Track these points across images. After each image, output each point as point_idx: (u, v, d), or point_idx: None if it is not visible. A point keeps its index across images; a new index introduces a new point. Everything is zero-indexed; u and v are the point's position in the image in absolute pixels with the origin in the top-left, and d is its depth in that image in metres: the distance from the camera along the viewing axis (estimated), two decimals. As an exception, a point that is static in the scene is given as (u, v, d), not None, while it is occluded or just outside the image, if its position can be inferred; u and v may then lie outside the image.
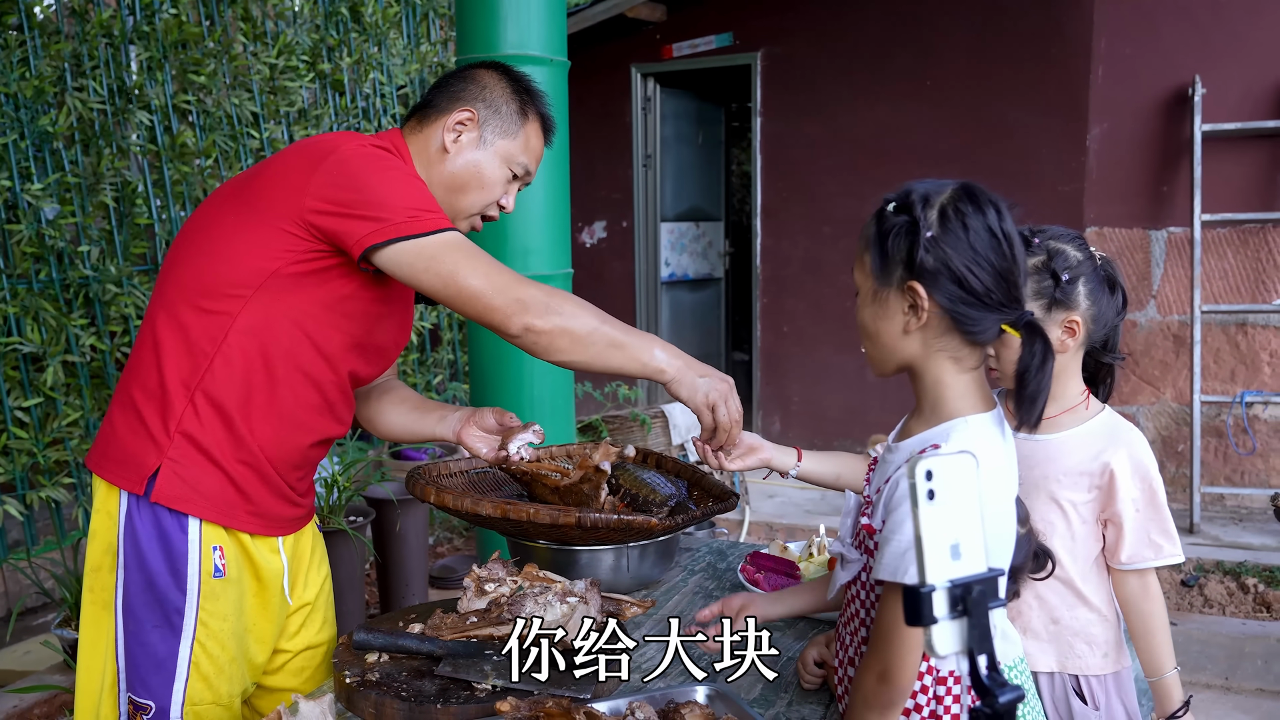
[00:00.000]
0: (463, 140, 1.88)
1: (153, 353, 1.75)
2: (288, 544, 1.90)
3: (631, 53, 6.93)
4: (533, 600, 1.69)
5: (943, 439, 1.34)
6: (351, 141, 1.74)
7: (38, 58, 3.76)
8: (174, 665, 1.73)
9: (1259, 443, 5.33)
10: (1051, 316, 1.78)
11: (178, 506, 1.71)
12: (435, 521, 5.12)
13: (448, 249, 1.67)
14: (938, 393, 1.38)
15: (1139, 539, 1.80)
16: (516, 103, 1.91)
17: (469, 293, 1.66)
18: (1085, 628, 1.84)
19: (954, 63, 5.85)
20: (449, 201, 1.88)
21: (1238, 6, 5.18)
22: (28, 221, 3.68)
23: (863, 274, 1.40)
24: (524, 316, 1.65)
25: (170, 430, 1.72)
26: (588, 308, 1.71)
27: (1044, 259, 1.78)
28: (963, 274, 1.30)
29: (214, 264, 1.73)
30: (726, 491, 2.13)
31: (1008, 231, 1.32)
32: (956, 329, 1.34)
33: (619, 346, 1.70)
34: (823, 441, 6.47)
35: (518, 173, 1.93)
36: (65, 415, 3.72)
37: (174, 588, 1.72)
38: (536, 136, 1.95)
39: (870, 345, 1.42)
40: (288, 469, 1.83)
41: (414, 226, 1.65)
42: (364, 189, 1.66)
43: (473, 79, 1.92)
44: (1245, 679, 3.86)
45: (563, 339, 1.67)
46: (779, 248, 6.56)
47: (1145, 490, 1.81)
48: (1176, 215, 5.35)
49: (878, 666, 1.33)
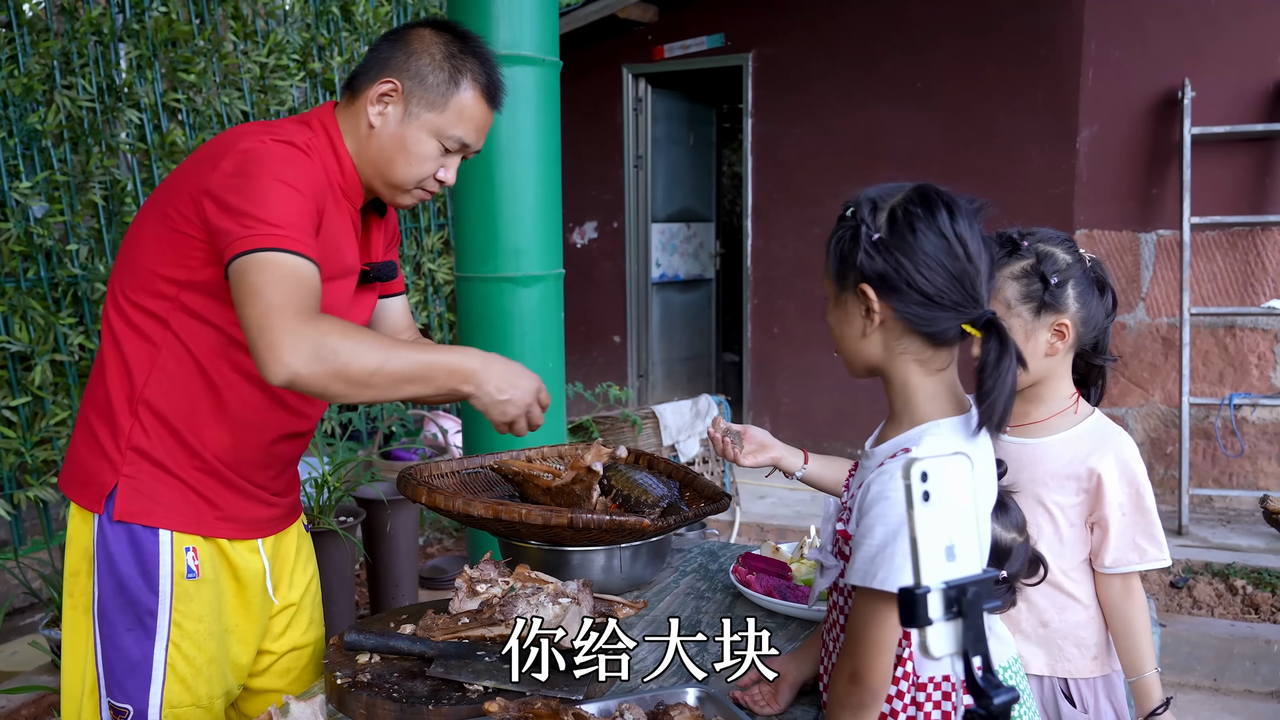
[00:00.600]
0: (388, 114, 1.76)
1: (100, 369, 1.76)
2: (268, 544, 1.88)
3: (623, 53, 6.92)
4: (525, 601, 1.68)
5: (913, 444, 1.35)
6: (250, 138, 1.65)
7: (27, 55, 3.74)
8: (149, 668, 1.72)
9: (1247, 445, 5.35)
10: (1041, 320, 1.77)
11: (141, 521, 1.70)
12: (425, 522, 5.10)
13: (257, 268, 1.53)
14: (906, 395, 1.39)
15: (1123, 542, 1.80)
16: (446, 70, 1.76)
17: (245, 320, 1.53)
18: (1074, 630, 1.84)
19: (944, 65, 5.86)
20: (380, 176, 1.79)
21: (1227, 10, 5.20)
22: (16, 220, 3.66)
23: (827, 279, 1.42)
24: (286, 359, 1.49)
25: (121, 447, 1.71)
26: (374, 346, 1.56)
27: (1033, 262, 1.77)
28: (911, 276, 1.31)
29: (138, 276, 1.71)
30: (718, 493, 2.12)
31: (960, 233, 1.33)
32: (914, 331, 1.35)
33: (410, 380, 1.60)
34: (813, 443, 6.46)
35: (450, 146, 1.79)
36: (53, 414, 3.70)
37: (146, 590, 1.71)
38: (475, 104, 1.79)
39: (838, 348, 1.44)
40: (253, 470, 1.80)
41: (251, 242, 1.54)
42: (248, 196, 1.57)
43: (402, 44, 1.78)
44: (1234, 680, 3.87)
45: (336, 384, 1.53)
46: (769, 249, 6.57)
47: (1132, 495, 1.80)
48: (1166, 218, 5.37)
49: (849, 668, 1.34)
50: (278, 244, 1.54)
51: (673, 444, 5.01)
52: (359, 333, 1.57)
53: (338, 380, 1.53)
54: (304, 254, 1.56)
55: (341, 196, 1.78)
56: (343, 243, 1.78)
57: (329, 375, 1.52)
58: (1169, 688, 3.76)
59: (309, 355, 1.50)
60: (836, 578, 1.46)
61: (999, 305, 1.77)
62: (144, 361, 1.71)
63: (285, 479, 1.91)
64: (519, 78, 3.02)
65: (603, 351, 7.36)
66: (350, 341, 1.53)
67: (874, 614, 1.31)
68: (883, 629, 1.31)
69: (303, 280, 1.55)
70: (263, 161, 1.61)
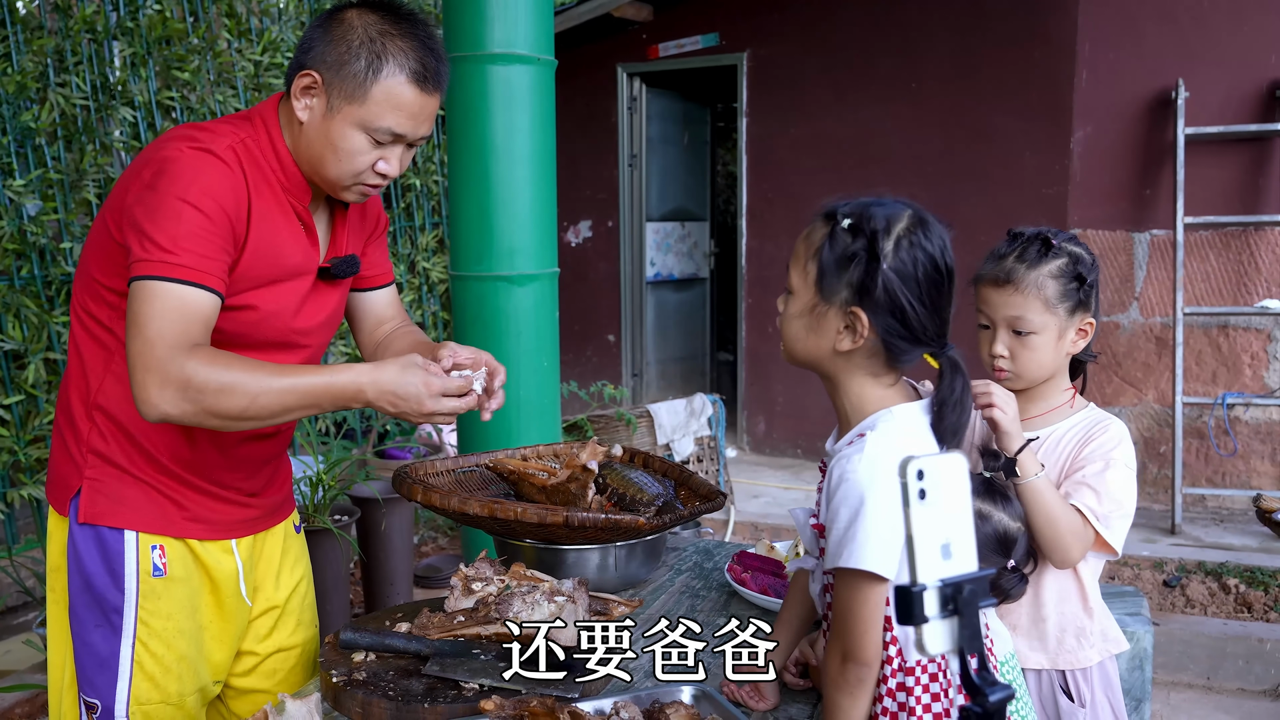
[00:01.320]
0: (313, 107, 1.66)
1: (66, 374, 1.77)
2: (244, 545, 1.86)
3: (617, 52, 6.92)
4: (520, 599, 1.69)
5: (869, 428, 1.37)
6: (171, 145, 1.60)
7: (20, 53, 3.73)
8: (116, 664, 1.72)
9: (1240, 444, 5.36)
10: (1073, 319, 1.78)
11: (105, 522, 1.70)
12: (420, 521, 5.10)
13: (143, 296, 1.51)
14: (860, 404, 1.42)
15: (1073, 481, 1.78)
16: (365, 56, 1.62)
17: (127, 354, 1.52)
18: (1074, 621, 1.85)
19: (938, 65, 5.87)
20: (315, 173, 1.71)
21: (1220, 11, 5.21)
22: (9, 218, 3.65)
23: (802, 281, 1.41)
24: (154, 399, 1.49)
25: (83, 450, 1.72)
26: (246, 383, 1.52)
27: (1067, 261, 1.77)
28: (904, 307, 1.33)
29: (88, 284, 1.71)
30: (713, 491, 2.13)
31: (949, 266, 1.36)
32: (883, 353, 1.37)
33: (293, 409, 1.57)
34: (806, 441, 6.49)
35: (381, 139, 1.66)
36: (47, 413, 3.69)
37: (112, 587, 1.71)
38: (405, 90, 1.64)
39: (790, 345, 1.45)
40: (219, 473, 1.78)
41: (142, 267, 1.52)
42: (151, 215, 1.54)
43: (324, 30, 1.66)
44: (1227, 679, 3.88)
45: (211, 419, 1.52)
46: (764, 248, 6.58)
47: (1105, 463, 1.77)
48: (1159, 218, 5.38)
49: (839, 649, 1.36)
50: (168, 273, 1.51)
51: (667, 443, 5.01)
52: (233, 367, 1.52)
53: (211, 416, 1.52)
54: (196, 282, 1.53)
55: (283, 195, 1.71)
56: (285, 245, 1.72)
57: (200, 413, 1.51)
58: (1162, 686, 3.78)
59: (176, 395, 1.49)
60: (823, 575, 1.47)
61: (1037, 302, 1.75)
62: (98, 366, 1.70)
63: (260, 479, 1.88)
64: (513, 77, 3.02)
65: (597, 350, 7.36)
66: (219, 378, 1.50)
67: (853, 591, 1.34)
68: (864, 605, 1.33)
69: (188, 312, 1.52)
70: (172, 176, 1.56)
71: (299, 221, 1.75)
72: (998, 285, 1.78)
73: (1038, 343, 1.78)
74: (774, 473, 6.25)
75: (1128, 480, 1.78)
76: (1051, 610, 1.84)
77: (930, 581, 0.90)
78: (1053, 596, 1.84)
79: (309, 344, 1.84)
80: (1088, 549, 1.75)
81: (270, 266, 1.69)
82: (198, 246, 1.54)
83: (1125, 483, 1.77)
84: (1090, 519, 1.73)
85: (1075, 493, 1.75)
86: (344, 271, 1.84)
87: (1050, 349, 1.78)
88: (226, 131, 1.66)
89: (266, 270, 1.69)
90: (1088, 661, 1.84)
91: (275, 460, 1.92)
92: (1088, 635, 1.85)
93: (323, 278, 1.82)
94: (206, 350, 1.54)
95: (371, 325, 2.03)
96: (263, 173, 1.68)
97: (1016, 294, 1.76)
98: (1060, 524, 1.70)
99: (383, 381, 1.59)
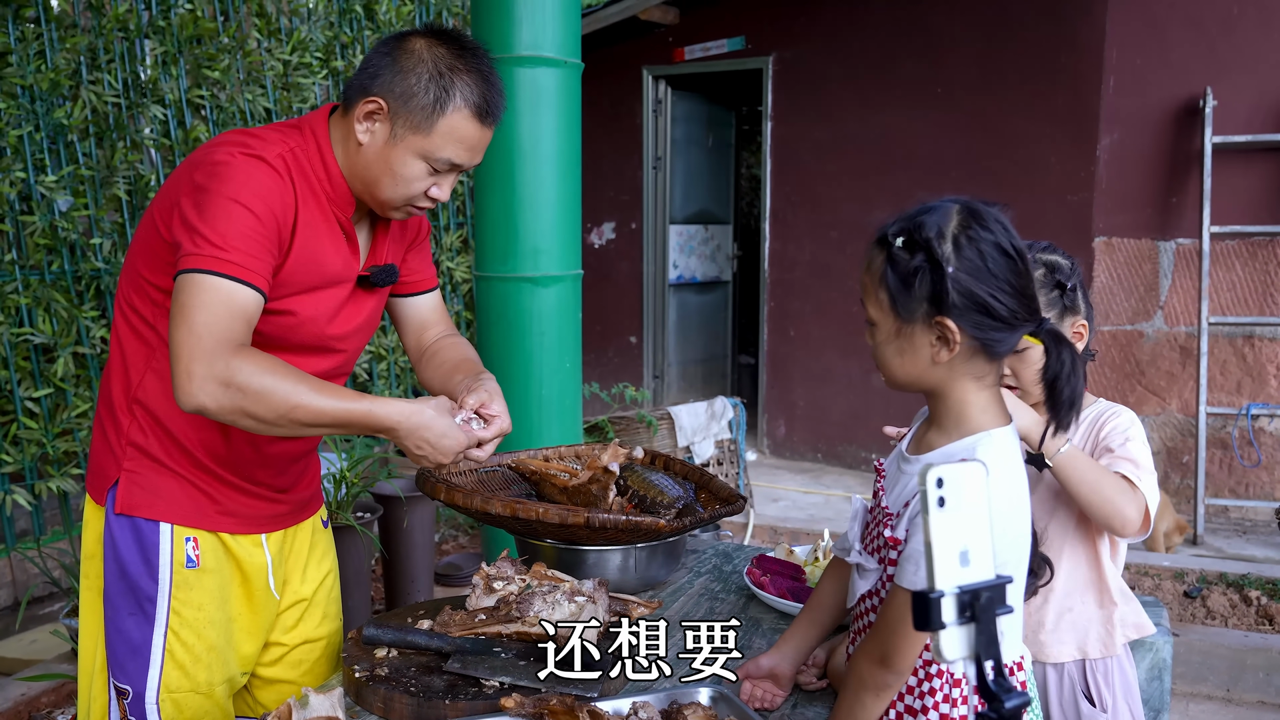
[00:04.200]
0: (375, 132, 1.71)
1: (109, 365, 1.80)
2: (274, 539, 1.90)
3: (643, 55, 6.94)
4: (541, 599, 1.70)
5: (969, 453, 1.36)
6: (222, 149, 1.64)
7: (54, 51, 3.78)
8: (148, 652, 1.76)
9: (1264, 455, 5.32)
10: (1064, 324, 1.85)
11: (141, 514, 1.74)
12: (441, 519, 5.13)
13: (192, 288, 1.54)
14: (961, 410, 1.40)
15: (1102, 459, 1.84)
16: (434, 90, 1.68)
17: (170, 340, 1.55)
18: (1097, 610, 1.88)
19: (963, 71, 5.85)
20: (368, 193, 1.76)
21: (1249, 19, 5.18)
22: (41, 213, 3.70)
23: (879, 311, 1.39)
24: (194, 391, 1.51)
25: (122, 442, 1.76)
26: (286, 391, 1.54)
27: (1044, 272, 1.86)
28: (987, 301, 1.31)
29: (134, 280, 1.74)
30: (733, 495, 2.14)
31: (1018, 247, 1.34)
32: (982, 351, 1.36)
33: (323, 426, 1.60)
34: (826, 445, 6.49)
35: (439, 168, 1.73)
36: (75, 406, 3.74)
37: (146, 576, 1.74)
38: (465, 125, 1.71)
39: (889, 373, 1.42)
40: (250, 469, 1.82)
41: (193, 261, 1.55)
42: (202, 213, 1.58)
43: (392, 58, 1.70)
44: (1246, 691, 3.86)
45: (244, 419, 1.55)
46: (786, 252, 6.57)
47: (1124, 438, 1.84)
48: (1185, 226, 5.35)
49: (878, 651, 1.36)
50: (217, 267, 1.55)
51: (688, 445, 5.03)
52: (277, 373, 1.55)
53: (245, 417, 1.55)
54: (244, 279, 1.57)
55: (327, 204, 1.75)
56: (327, 254, 1.76)
57: (236, 411, 1.54)
58: (1181, 697, 3.76)
59: (216, 390, 1.52)
60: (876, 582, 1.46)
61: None
62: (139, 362, 1.74)
63: (290, 476, 1.92)
64: (540, 79, 3.04)
65: (619, 352, 7.38)
66: (262, 381, 1.53)
67: None
68: None
69: (234, 307, 1.56)
70: (224, 178, 1.60)
71: (341, 231, 1.79)
72: None
73: (1033, 357, 1.77)
74: (794, 476, 6.25)
75: (1148, 454, 1.84)
76: (1075, 602, 1.88)
77: (948, 588, 0.91)
78: (1077, 586, 1.88)
79: (344, 349, 1.87)
80: (1143, 509, 1.77)
81: (311, 274, 1.73)
82: (247, 245, 1.58)
83: (1147, 455, 1.83)
84: (1133, 479, 1.77)
85: (1114, 465, 1.80)
86: (382, 280, 1.88)
87: None
88: (276, 140, 1.70)
89: (307, 277, 1.72)
90: (1110, 650, 1.88)
91: (305, 458, 1.96)
92: (1113, 625, 1.89)
93: (361, 286, 1.86)
94: (253, 351, 1.57)
95: (416, 330, 2.06)
96: (309, 183, 1.72)
97: None
98: (1105, 486, 1.75)
99: (420, 428, 1.66)
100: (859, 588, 1.51)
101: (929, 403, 1.44)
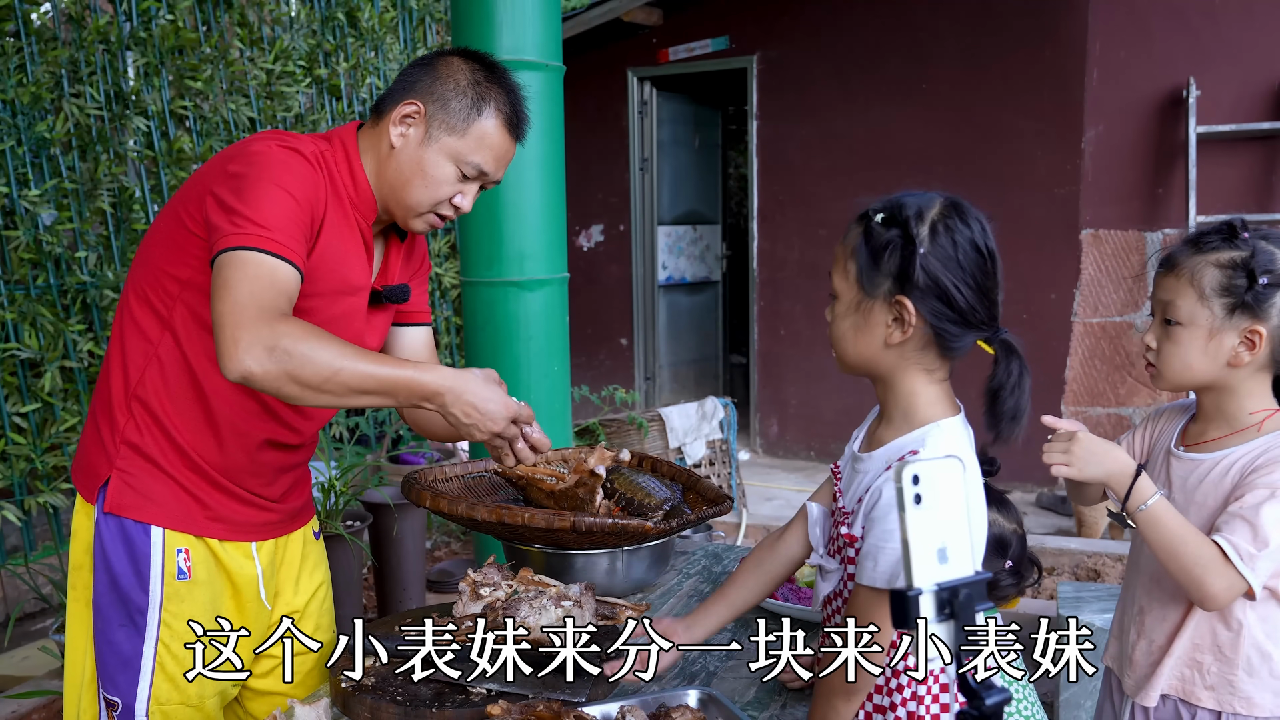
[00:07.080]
0: (409, 135, 1.77)
1: (107, 363, 1.80)
2: (264, 549, 1.89)
3: (628, 56, 6.94)
4: (528, 604, 1.70)
5: (919, 444, 1.36)
6: (259, 143, 1.68)
7: (35, 64, 3.76)
8: (139, 664, 1.75)
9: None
10: (1233, 321, 1.57)
11: (131, 515, 1.73)
12: (432, 526, 5.12)
13: (234, 264, 1.54)
14: (910, 402, 1.40)
15: (1229, 512, 1.55)
16: (470, 96, 1.76)
17: (213, 314, 1.54)
18: (1231, 658, 1.64)
19: (948, 66, 5.86)
20: (395, 197, 1.79)
21: (1231, 8, 5.20)
22: (25, 227, 3.68)
23: (845, 282, 1.40)
24: (241, 356, 1.49)
25: (116, 440, 1.75)
26: (333, 354, 1.52)
27: (1246, 255, 1.55)
28: (949, 291, 1.32)
29: (150, 272, 1.75)
30: (720, 495, 2.13)
31: (991, 248, 1.35)
32: (935, 344, 1.36)
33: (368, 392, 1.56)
34: (819, 442, 6.49)
35: (468, 173, 1.79)
36: (63, 421, 3.72)
37: (137, 588, 1.74)
38: (497, 133, 1.79)
39: (842, 349, 1.43)
40: (241, 475, 1.82)
41: (235, 239, 1.56)
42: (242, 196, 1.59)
43: (429, 68, 1.79)
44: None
45: (289, 385, 1.51)
46: (775, 251, 6.58)
47: (1270, 492, 1.53)
48: (1172, 217, 5.36)
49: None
50: (259, 244, 1.56)
51: (679, 446, 5.02)
52: (320, 338, 1.54)
53: (291, 382, 1.51)
54: (285, 257, 1.58)
55: (350, 210, 1.78)
56: (347, 258, 1.78)
57: (281, 376, 1.50)
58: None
59: (263, 354, 1.49)
60: (838, 583, 1.47)
61: (1191, 290, 1.59)
62: (139, 359, 1.74)
63: (280, 486, 1.91)
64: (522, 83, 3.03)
65: (610, 354, 7.37)
66: (307, 345, 1.51)
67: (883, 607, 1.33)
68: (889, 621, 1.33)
69: (277, 281, 1.56)
70: (264, 165, 1.63)
71: (361, 239, 1.81)
72: (1164, 268, 1.64)
73: (1183, 336, 1.60)
74: (787, 475, 6.25)
75: None
76: (1206, 643, 1.65)
77: (926, 585, 0.90)
78: (1205, 629, 1.65)
79: None
80: (1235, 590, 1.51)
81: (331, 275, 1.75)
82: (287, 226, 1.60)
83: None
84: (1230, 555, 1.50)
85: (1226, 525, 1.53)
86: (395, 298, 1.90)
87: (1198, 348, 1.60)
88: (309, 140, 1.75)
89: (327, 277, 1.74)
90: (1262, 708, 1.62)
91: (297, 469, 1.96)
92: (1259, 675, 1.62)
93: (374, 303, 1.87)
94: (296, 319, 1.57)
95: None
96: (336, 185, 1.76)
97: (1172, 277, 1.62)
98: (1183, 556, 1.51)
99: (467, 390, 1.62)
100: (822, 590, 1.52)
101: (879, 395, 1.45)
